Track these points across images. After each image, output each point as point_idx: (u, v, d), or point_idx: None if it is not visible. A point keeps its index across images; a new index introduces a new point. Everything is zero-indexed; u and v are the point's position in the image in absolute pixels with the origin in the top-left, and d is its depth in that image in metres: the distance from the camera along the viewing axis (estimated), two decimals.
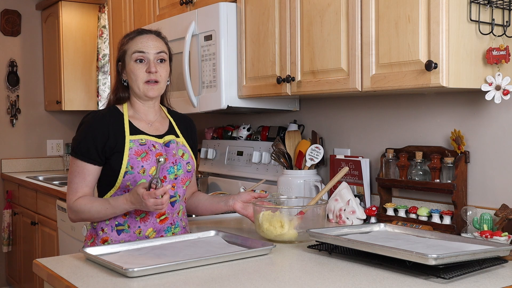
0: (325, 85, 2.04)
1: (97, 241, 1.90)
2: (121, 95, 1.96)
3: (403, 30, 1.74)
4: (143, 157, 1.85)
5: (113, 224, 1.88)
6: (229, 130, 3.13)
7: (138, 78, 1.89)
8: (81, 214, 1.87)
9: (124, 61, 1.93)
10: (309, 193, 2.35)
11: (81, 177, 1.87)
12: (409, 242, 1.66)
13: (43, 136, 5.15)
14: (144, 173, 1.84)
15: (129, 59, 1.90)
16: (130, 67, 1.90)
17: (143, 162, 1.84)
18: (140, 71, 1.88)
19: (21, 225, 4.52)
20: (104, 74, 4.73)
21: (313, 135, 2.54)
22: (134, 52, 1.89)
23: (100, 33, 4.72)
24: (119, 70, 1.96)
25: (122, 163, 1.83)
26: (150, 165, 1.85)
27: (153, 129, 1.94)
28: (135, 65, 1.89)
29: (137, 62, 1.89)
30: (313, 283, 1.42)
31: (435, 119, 2.10)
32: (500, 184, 1.90)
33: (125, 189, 1.86)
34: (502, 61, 1.72)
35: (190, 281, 1.44)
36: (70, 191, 1.89)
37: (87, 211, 1.85)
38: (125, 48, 1.93)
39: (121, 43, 1.96)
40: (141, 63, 1.89)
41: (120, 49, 1.95)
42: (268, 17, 2.30)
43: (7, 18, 4.94)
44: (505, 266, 1.57)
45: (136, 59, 1.88)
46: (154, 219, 1.89)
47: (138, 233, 1.88)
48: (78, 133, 1.90)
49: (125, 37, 1.96)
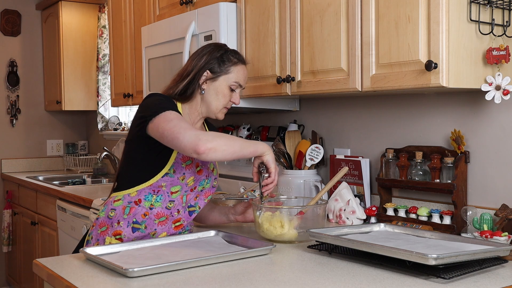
0: (325, 85, 2.04)
1: (109, 232, 1.86)
2: (189, 95, 1.92)
3: (403, 30, 1.74)
4: (188, 165, 1.85)
5: (130, 220, 1.86)
6: (229, 130, 3.13)
7: (223, 101, 1.94)
8: (218, 139, 1.69)
9: (217, 76, 1.92)
10: (309, 193, 2.35)
11: (184, 120, 1.75)
12: (409, 242, 1.66)
13: (43, 136, 5.16)
14: (183, 180, 1.84)
15: (226, 82, 1.93)
16: (223, 89, 1.93)
17: (186, 169, 1.84)
18: (229, 98, 1.95)
19: (21, 225, 4.52)
20: (104, 74, 4.72)
21: (313, 135, 2.54)
22: (235, 82, 1.94)
23: (100, 33, 4.72)
24: (199, 76, 1.91)
25: (166, 163, 1.82)
26: (190, 174, 1.86)
27: None
28: (228, 91, 1.94)
29: (231, 89, 1.94)
30: (313, 283, 1.42)
31: (435, 119, 2.10)
32: (500, 184, 1.90)
33: (157, 188, 1.85)
34: (502, 61, 1.72)
35: (190, 281, 1.44)
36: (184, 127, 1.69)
37: (224, 136, 1.74)
38: (226, 69, 1.92)
39: (221, 58, 1.92)
40: (232, 92, 1.95)
41: (216, 63, 1.91)
42: (268, 17, 2.30)
43: (7, 18, 4.94)
44: (505, 266, 1.57)
45: (232, 87, 1.94)
46: (170, 224, 1.90)
47: (153, 235, 1.88)
48: (155, 101, 1.82)
49: (226, 55, 1.93)
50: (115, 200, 1.91)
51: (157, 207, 1.86)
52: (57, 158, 5.20)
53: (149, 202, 1.86)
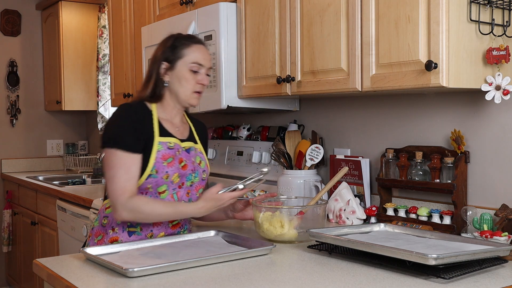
0: (325, 85, 2.04)
1: (106, 240, 1.87)
2: (158, 93, 1.93)
3: (403, 30, 1.74)
4: (169, 162, 1.83)
5: (124, 225, 1.86)
6: (229, 130, 3.13)
7: (189, 86, 1.90)
8: (138, 214, 1.77)
9: (174, 65, 1.91)
10: (309, 193, 2.35)
11: (125, 169, 1.77)
12: (409, 242, 1.66)
13: (43, 136, 5.16)
14: (167, 179, 1.83)
15: (185, 66, 1.90)
16: (183, 74, 1.90)
17: (168, 167, 1.83)
18: (194, 81, 1.91)
19: (21, 225, 4.52)
20: (104, 74, 4.72)
21: (313, 135, 2.54)
22: (193, 62, 1.90)
23: (100, 33, 4.72)
24: (159, 70, 1.92)
25: (147, 165, 1.80)
26: (173, 171, 1.84)
27: (179, 133, 1.94)
28: (190, 74, 1.90)
29: (192, 72, 1.91)
30: (313, 283, 1.42)
31: (435, 119, 2.10)
32: (500, 184, 1.90)
33: (145, 191, 1.83)
34: (502, 61, 1.72)
35: (190, 281, 1.44)
36: (116, 187, 1.77)
37: (147, 213, 1.77)
38: (181, 53, 1.90)
39: (172, 45, 1.92)
40: (195, 74, 1.91)
41: (171, 51, 1.91)
42: (268, 17, 2.30)
43: (7, 18, 4.94)
44: (505, 266, 1.57)
45: (192, 69, 1.91)
46: (166, 223, 1.89)
47: (150, 237, 1.87)
48: (113, 124, 1.85)
49: (177, 40, 1.93)
50: (106, 207, 1.92)
51: None
52: (57, 158, 5.20)
53: None
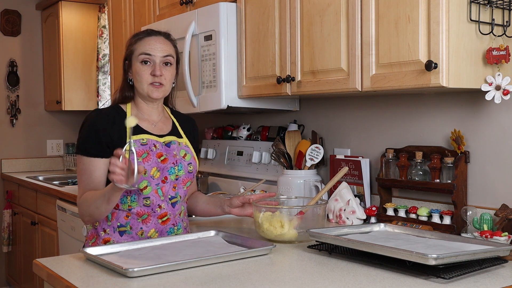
0: (325, 85, 2.04)
1: (99, 242, 1.89)
2: (127, 94, 1.97)
3: (403, 30, 1.74)
4: (144, 158, 1.85)
5: (115, 225, 1.88)
6: (229, 130, 3.13)
7: (142, 79, 1.90)
8: (87, 210, 1.84)
9: (130, 60, 1.94)
10: (309, 193, 2.35)
11: (88, 174, 1.86)
12: (409, 242, 1.66)
13: (43, 136, 5.15)
14: (145, 174, 1.84)
15: (136, 59, 1.91)
16: (136, 68, 1.91)
17: (144, 163, 1.84)
18: (145, 72, 1.90)
19: (21, 225, 4.52)
20: (104, 74, 4.72)
21: (313, 135, 2.54)
22: (140, 54, 1.90)
23: (100, 33, 4.72)
24: (125, 69, 1.97)
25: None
26: (151, 165, 1.85)
27: (157, 129, 1.95)
28: (140, 67, 1.90)
29: (143, 63, 1.90)
30: (313, 283, 1.42)
31: (435, 119, 2.10)
32: (500, 184, 1.90)
33: (128, 190, 1.85)
34: (502, 61, 1.72)
35: (190, 281, 1.44)
36: (79, 192, 1.89)
37: (87, 205, 1.82)
38: (133, 48, 1.93)
39: (129, 42, 1.96)
40: (147, 65, 1.90)
41: (128, 48, 1.96)
42: (268, 17, 2.30)
43: (7, 18, 4.94)
44: (505, 266, 1.57)
45: (142, 60, 1.90)
46: (156, 220, 1.89)
47: (141, 234, 1.88)
48: (82, 131, 1.91)
49: (134, 37, 1.97)
50: None
51: (135, 207, 1.87)
52: (57, 158, 5.20)
53: (126, 204, 1.87)
